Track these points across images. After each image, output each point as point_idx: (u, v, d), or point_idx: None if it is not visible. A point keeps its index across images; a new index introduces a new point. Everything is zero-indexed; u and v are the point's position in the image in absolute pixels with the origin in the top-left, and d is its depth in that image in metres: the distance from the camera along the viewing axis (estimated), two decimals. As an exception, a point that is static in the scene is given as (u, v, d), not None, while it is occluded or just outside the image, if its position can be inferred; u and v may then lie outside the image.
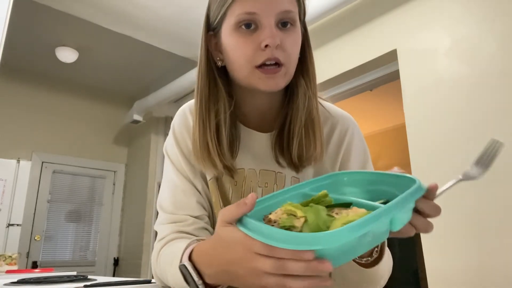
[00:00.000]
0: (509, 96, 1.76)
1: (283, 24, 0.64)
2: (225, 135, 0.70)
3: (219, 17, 0.67)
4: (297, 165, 0.72)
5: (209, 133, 0.69)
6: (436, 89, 2.03)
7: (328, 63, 2.60)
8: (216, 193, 0.76)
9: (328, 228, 0.41)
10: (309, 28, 0.75)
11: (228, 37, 0.66)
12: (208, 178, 0.76)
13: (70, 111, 4.45)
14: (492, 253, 1.70)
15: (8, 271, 2.24)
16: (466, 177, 0.56)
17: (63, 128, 4.37)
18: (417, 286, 5.46)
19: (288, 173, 0.74)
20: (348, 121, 0.77)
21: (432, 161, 1.98)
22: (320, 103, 0.77)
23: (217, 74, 0.71)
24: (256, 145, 0.75)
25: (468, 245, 1.78)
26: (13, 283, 1.24)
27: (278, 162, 0.73)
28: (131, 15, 2.98)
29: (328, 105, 0.79)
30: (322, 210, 0.45)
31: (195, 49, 0.74)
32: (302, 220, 0.43)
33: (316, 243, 0.37)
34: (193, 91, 0.73)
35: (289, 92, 0.73)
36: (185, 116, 0.78)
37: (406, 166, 2.19)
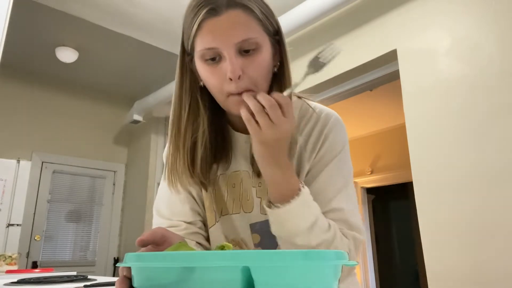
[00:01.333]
0: (509, 96, 1.76)
1: (246, 50, 0.65)
2: (200, 152, 0.73)
3: (190, 47, 0.69)
4: (258, 172, 0.73)
5: (182, 153, 0.72)
6: (436, 89, 2.03)
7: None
8: (209, 198, 0.80)
9: None
10: (309, 28, 0.76)
11: (199, 67, 0.69)
12: None
13: (70, 111, 4.45)
14: (491, 253, 1.70)
15: (8, 271, 2.24)
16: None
17: (63, 128, 4.37)
18: (417, 286, 5.46)
19: None
20: (330, 116, 0.78)
21: (432, 161, 1.98)
22: (307, 103, 0.79)
23: (199, 94, 0.73)
24: (245, 147, 0.78)
25: (468, 245, 1.78)
26: (13, 283, 1.25)
27: (252, 164, 0.75)
28: (131, 15, 2.98)
29: (315, 104, 0.81)
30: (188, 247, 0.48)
31: (195, 49, 0.74)
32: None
33: (126, 260, 0.40)
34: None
35: None
36: None
37: (406, 166, 2.19)
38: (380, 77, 2.51)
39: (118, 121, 4.74)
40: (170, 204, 0.81)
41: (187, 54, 0.72)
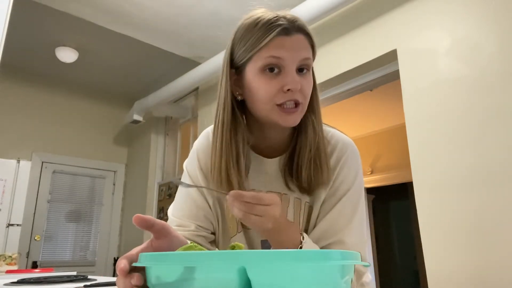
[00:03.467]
0: (509, 96, 1.76)
1: (301, 69, 0.74)
2: (243, 163, 0.78)
3: (245, 59, 0.75)
4: (307, 190, 0.79)
5: (232, 161, 0.76)
6: (436, 89, 2.03)
7: (328, 63, 2.60)
8: None
9: None
10: (309, 28, 0.79)
11: (253, 77, 0.74)
12: None
13: (70, 111, 4.45)
14: (491, 253, 1.70)
15: (8, 271, 2.24)
16: None
17: (63, 128, 4.37)
18: (417, 286, 5.46)
19: (292, 194, 0.81)
20: (347, 148, 0.83)
21: (432, 161, 1.98)
22: (324, 130, 0.83)
23: (236, 107, 0.78)
24: (265, 169, 0.83)
25: (468, 245, 1.78)
26: (13, 283, 1.24)
27: (287, 186, 0.80)
28: (131, 15, 2.98)
29: (331, 133, 0.85)
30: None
31: (195, 49, 0.77)
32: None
33: (141, 260, 0.41)
34: (193, 91, 0.77)
35: (298, 126, 0.79)
36: (208, 138, 0.87)
37: (406, 166, 2.19)
38: (380, 77, 2.51)
39: (118, 121, 4.73)
40: (184, 208, 0.84)
41: (233, 66, 0.78)
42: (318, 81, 0.81)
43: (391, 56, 2.31)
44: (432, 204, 1.94)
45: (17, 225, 3.30)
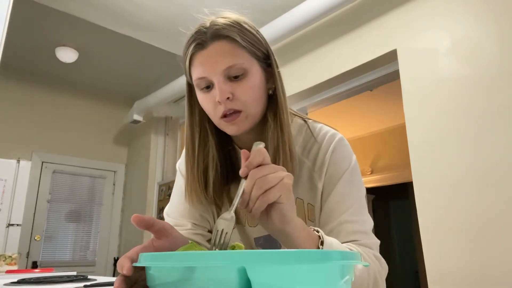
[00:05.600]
0: (509, 96, 1.76)
1: (235, 76, 0.71)
2: (212, 175, 0.77)
3: (189, 79, 0.78)
4: None
5: (197, 176, 0.77)
6: (436, 89, 2.03)
7: (328, 63, 2.60)
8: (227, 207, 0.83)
9: None
10: (308, 28, 0.77)
11: (198, 96, 0.76)
12: None
13: (70, 111, 4.45)
14: (491, 253, 1.70)
15: (8, 271, 2.24)
16: None
17: (63, 128, 4.37)
18: (417, 286, 5.46)
19: None
20: (334, 137, 0.80)
21: (432, 161, 1.98)
22: (308, 126, 0.82)
23: (207, 121, 0.78)
24: None
25: (468, 246, 1.78)
26: (13, 283, 1.24)
27: None
28: (131, 15, 2.98)
29: (318, 127, 0.82)
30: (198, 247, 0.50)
31: (195, 49, 0.76)
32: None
33: (141, 260, 0.41)
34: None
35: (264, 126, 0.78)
36: None
37: (406, 166, 2.19)
38: (380, 77, 2.51)
39: (118, 121, 4.73)
40: (180, 207, 0.84)
41: (191, 85, 0.79)
42: (318, 81, 0.80)
43: (391, 56, 2.31)
44: (432, 204, 1.94)
45: (17, 225, 3.30)
